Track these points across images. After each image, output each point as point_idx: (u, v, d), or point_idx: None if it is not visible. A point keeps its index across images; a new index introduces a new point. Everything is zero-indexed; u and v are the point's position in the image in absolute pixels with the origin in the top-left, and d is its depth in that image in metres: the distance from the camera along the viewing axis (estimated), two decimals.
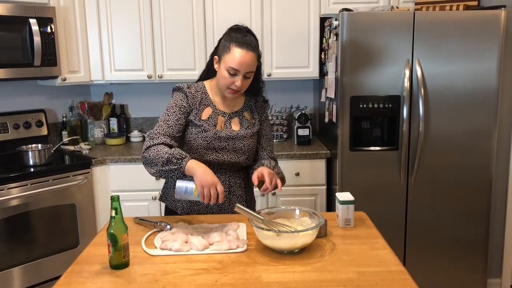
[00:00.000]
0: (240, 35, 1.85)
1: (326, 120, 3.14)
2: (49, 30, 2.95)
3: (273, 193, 1.91)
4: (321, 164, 3.14)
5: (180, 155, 1.75)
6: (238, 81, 1.85)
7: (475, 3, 3.03)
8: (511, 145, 3.02)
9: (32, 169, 2.83)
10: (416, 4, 3.17)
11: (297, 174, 3.13)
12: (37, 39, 2.87)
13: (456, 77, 2.75)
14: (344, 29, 2.71)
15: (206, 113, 1.95)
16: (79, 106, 3.58)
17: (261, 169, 1.86)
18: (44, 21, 2.92)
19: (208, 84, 2.01)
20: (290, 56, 3.31)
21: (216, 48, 1.95)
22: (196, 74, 2.16)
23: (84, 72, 3.26)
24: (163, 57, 3.30)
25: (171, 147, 1.82)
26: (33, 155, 2.89)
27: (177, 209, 2.02)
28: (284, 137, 3.53)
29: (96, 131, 3.52)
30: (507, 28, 2.78)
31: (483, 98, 2.76)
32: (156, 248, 1.64)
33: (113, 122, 3.66)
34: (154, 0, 3.22)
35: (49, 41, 2.95)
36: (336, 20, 2.79)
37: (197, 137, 1.92)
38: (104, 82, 3.37)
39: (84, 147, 3.33)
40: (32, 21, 2.85)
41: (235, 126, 1.99)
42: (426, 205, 2.88)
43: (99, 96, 3.69)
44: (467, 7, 3.03)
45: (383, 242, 1.68)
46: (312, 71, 3.34)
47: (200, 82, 2.02)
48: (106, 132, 3.60)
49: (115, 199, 1.49)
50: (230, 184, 1.99)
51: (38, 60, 2.90)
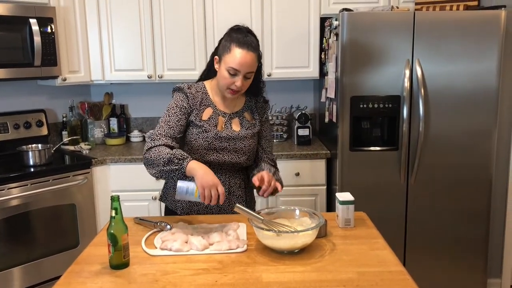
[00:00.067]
0: (241, 36, 1.85)
1: (326, 120, 3.14)
2: (49, 30, 2.95)
3: (273, 193, 1.92)
4: (321, 164, 3.14)
5: (181, 156, 1.75)
6: (238, 81, 1.85)
7: (475, 3, 3.03)
8: (511, 145, 3.02)
9: (32, 169, 2.83)
10: (416, 4, 3.17)
11: (297, 174, 3.13)
12: (37, 39, 2.87)
13: (456, 77, 2.75)
14: (344, 29, 2.71)
15: (207, 114, 1.95)
16: (79, 106, 3.58)
17: (261, 173, 1.87)
18: (44, 21, 2.92)
19: (209, 84, 2.01)
20: (290, 56, 3.31)
21: (217, 48, 1.95)
22: (196, 74, 2.16)
23: (84, 72, 3.26)
24: (163, 57, 3.30)
25: (172, 148, 1.81)
26: (33, 155, 2.90)
27: (177, 209, 2.02)
28: (284, 137, 3.53)
29: (96, 131, 3.52)
30: (507, 28, 2.78)
31: (483, 98, 2.76)
32: (156, 248, 1.64)
33: (113, 122, 3.66)
34: (154, 0, 3.22)
35: (49, 41, 2.95)
36: (336, 20, 2.79)
37: (198, 138, 1.92)
38: (104, 82, 3.37)
39: (84, 147, 3.33)
40: (32, 21, 2.85)
41: (236, 127, 1.98)
42: (426, 205, 2.88)
43: (99, 96, 3.69)
44: (467, 7, 3.03)
45: (383, 242, 1.68)
46: (312, 71, 3.34)
47: (201, 83, 2.02)
48: (106, 132, 3.60)
49: (115, 199, 1.49)
50: (230, 185, 1.99)
51: (38, 60, 2.90)
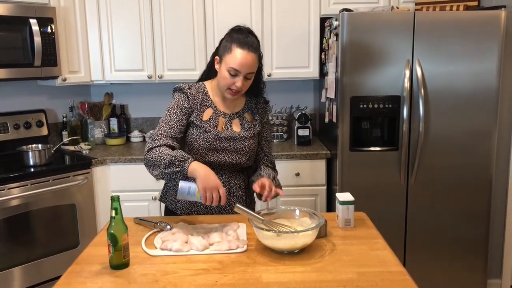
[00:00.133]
0: (242, 36, 1.85)
1: (326, 120, 3.14)
2: (50, 30, 2.95)
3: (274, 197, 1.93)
4: (321, 165, 3.14)
5: (183, 157, 1.75)
6: (239, 82, 1.85)
7: (475, 3, 3.03)
8: (511, 145, 3.02)
9: (32, 169, 2.83)
10: (416, 4, 3.17)
11: (297, 175, 3.13)
12: (38, 39, 2.87)
13: (456, 77, 2.75)
14: (344, 29, 2.71)
15: (207, 114, 1.95)
16: (79, 106, 3.58)
17: (262, 180, 1.88)
18: (45, 21, 2.92)
19: (209, 85, 2.01)
20: (290, 56, 3.31)
21: (217, 49, 1.95)
22: (197, 74, 2.16)
23: (84, 72, 3.26)
24: (163, 57, 3.30)
25: (173, 149, 1.81)
26: (34, 155, 2.89)
27: (177, 210, 2.02)
28: (284, 137, 3.53)
29: (96, 131, 3.52)
30: (507, 28, 2.78)
31: (483, 98, 2.76)
32: (156, 249, 1.64)
33: (113, 122, 3.66)
34: (154, 0, 3.22)
35: (50, 41, 2.95)
36: (336, 20, 2.79)
37: (199, 138, 1.92)
38: (104, 82, 3.37)
39: (84, 147, 3.33)
40: (33, 21, 2.85)
41: (236, 127, 1.98)
42: (426, 206, 2.88)
43: (99, 96, 3.69)
44: (467, 7, 3.03)
45: (383, 243, 1.68)
46: (312, 71, 3.34)
47: (201, 83, 2.02)
48: (106, 132, 3.60)
49: (115, 199, 1.49)
50: (230, 185, 1.99)
51: (39, 60, 2.90)
